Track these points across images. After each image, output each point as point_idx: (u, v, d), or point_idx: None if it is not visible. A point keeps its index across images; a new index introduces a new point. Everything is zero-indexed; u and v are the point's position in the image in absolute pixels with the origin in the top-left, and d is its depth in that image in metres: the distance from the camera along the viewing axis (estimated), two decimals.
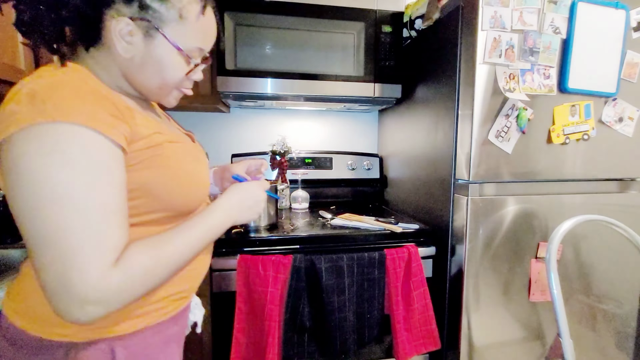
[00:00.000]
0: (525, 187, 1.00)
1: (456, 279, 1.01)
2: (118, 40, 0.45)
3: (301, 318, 0.93)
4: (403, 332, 0.98)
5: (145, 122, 0.48)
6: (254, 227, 1.07)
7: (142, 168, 0.46)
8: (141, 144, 0.45)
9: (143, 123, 0.47)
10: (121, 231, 0.42)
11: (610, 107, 1.02)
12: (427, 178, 1.17)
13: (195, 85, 1.22)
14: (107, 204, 0.40)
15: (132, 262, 0.41)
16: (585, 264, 1.06)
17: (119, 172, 0.42)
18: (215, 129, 1.56)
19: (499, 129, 0.94)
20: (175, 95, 0.55)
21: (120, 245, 0.41)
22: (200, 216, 0.51)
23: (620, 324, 1.11)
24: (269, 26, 1.16)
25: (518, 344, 1.04)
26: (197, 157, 0.57)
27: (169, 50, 0.48)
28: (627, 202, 1.08)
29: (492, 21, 0.90)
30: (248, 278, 0.92)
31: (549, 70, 0.95)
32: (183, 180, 0.50)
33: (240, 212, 0.57)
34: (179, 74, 0.50)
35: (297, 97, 1.26)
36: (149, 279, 0.43)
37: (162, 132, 0.50)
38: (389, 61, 1.24)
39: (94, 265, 0.39)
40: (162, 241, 0.45)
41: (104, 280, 0.39)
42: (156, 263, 0.44)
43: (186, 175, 0.51)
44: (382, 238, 1.04)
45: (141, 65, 0.48)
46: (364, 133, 1.67)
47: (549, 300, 1.02)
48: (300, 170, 1.51)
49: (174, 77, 0.50)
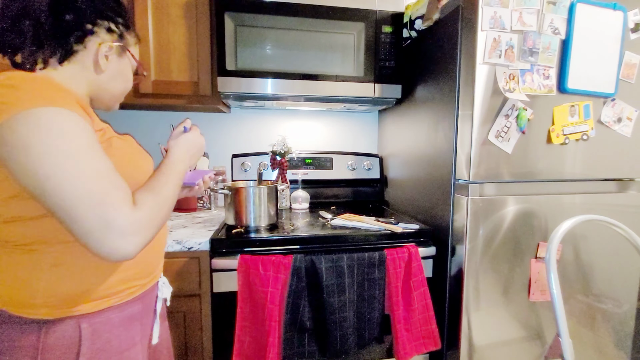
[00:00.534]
0: (525, 187, 1.00)
1: (456, 279, 1.01)
2: (101, 58, 0.58)
3: (301, 318, 0.93)
4: (403, 332, 0.98)
5: (97, 120, 0.59)
6: (254, 227, 1.07)
7: None
8: (98, 134, 0.55)
9: (96, 120, 0.58)
10: (125, 182, 0.51)
11: (609, 108, 1.03)
12: (427, 178, 1.17)
13: (196, 85, 1.23)
14: (107, 161, 0.50)
15: (144, 201, 0.51)
16: (584, 264, 1.06)
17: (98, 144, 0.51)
18: (215, 129, 1.56)
19: (499, 129, 0.95)
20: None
21: (130, 191, 0.51)
22: (169, 167, 0.61)
23: (619, 323, 1.11)
24: (269, 27, 1.16)
25: (518, 343, 1.04)
26: (141, 152, 0.66)
27: (129, 64, 0.65)
28: (625, 202, 1.08)
29: (491, 21, 0.90)
30: (248, 278, 0.92)
31: (548, 70, 0.96)
32: (127, 169, 0.57)
33: (190, 159, 0.69)
34: (131, 82, 0.68)
35: (297, 98, 1.26)
36: (160, 216, 0.53)
37: (108, 129, 0.61)
38: (389, 61, 1.24)
39: (123, 201, 0.48)
40: (156, 187, 0.56)
41: (135, 212, 0.48)
42: (160, 204, 0.54)
43: (130, 165, 0.59)
44: (382, 238, 1.05)
45: (113, 76, 0.62)
46: (364, 133, 1.67)
47: (549, 300, 1.02)
48: (301, 171, 1.51)
49: (129, 85, 0.67)
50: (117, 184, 0.49)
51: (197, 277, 0.98)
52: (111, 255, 0.47)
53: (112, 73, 0.62)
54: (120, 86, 0.65)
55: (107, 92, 0.63)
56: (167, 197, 0.56)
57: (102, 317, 0.56)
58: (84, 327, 0.54)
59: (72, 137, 0.46)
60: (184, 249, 0.96)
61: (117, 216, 0.46)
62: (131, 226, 0.47)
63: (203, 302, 0.99)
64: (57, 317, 0.52)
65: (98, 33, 0.58)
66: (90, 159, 0.47)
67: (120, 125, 1.45)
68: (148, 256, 0.63)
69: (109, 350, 0.56)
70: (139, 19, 1.17)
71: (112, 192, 0.47)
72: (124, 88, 0.66)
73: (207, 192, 1.43)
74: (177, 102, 1.24)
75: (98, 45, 0.58)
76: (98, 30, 0.57)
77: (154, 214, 0.52)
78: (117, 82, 0.64)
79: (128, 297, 0.60)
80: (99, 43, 0.58)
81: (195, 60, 1.22)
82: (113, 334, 0.57)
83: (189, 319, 0.99)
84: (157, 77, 1.21)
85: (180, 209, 1.38)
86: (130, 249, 0.48)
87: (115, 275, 0.57)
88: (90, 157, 0.47)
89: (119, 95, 0.66)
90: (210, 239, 0.97)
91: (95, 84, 0.60)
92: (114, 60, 0.61)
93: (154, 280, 0.66)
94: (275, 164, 1.43)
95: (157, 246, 0.66)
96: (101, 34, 0.58)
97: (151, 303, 0.67)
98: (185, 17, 1.20)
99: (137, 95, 1.22)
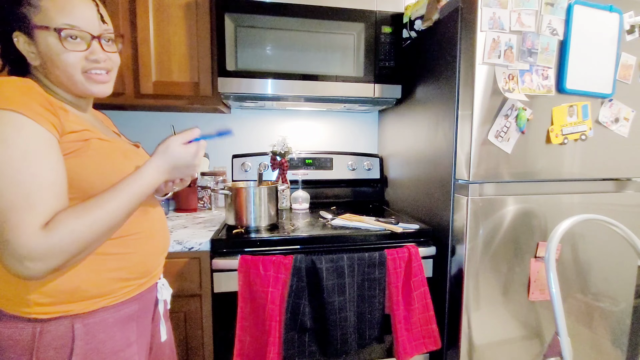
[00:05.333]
0: (524, 187, 1.01)
1: (456, 279, 1.02)
2: (26, 54, 0.55)
3: (302, 318, 0.93)
4: (403, 331, 0.98)
5: (78, 121, 0.56)
6: (254, 227, 1.08)
7: (70, 157, 0.53)
8: (73, 136, 0.53)
9: (75, 121, 0.55)
10: (56, 201, 0.49)
11: (607, 108, 1.04)
12: (427, 178, 1.17)
13: (196, 86, 1.23)
14: (40, 176, 0.47)
15: (60, 224, 0.48)
16: (582, 263, 1.07)
17: (53, 152, 0.50)
18: (215, 129, 1.56)
19: (499, 129, 0.95)
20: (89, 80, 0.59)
21: (53, 211, 0.48)
22: (132, 179, 0.56)
23: (616, 321, 1.12)
24: (270, 27, 1.16)
25: (517, 342, 1.05)
26: (126, 155, 0.61)
27: (46, 39, 0.55)
28: (623, 202, 1.09)
29: (491, 22, 0.91)
30: (249, 278, 0.92)
31: (547, 71, 0.97)
32: (105, 172, 0.56)
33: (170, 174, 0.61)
34: (65, 55, 0.56)
35: (297, 98, 1.26)
36: (80, 239, 0.50)
37: (93, 131, 0.57)
38: (389, 62, 1.24)
39: (25, 225, 0.45)
40: (93, 205, 0.52)
41: (34, 239, 0.46)
42: (86, 225, 0.50)
43: (110, 168, 0.57)
44: (382, 238, 1.05)
45: (43, 66, 0.56)
46: (364, 133, 1.68)
47: (548, 300, 1.03)
48: (301, 171, 1.51)
49: (63, 60, 0.56)
50: (34, 201, 0.47)
51: (197, 277, 0.98)
52: (12, 273, 0.47)
53: (42, 62, 0.56)
54: (54, 69, 0.56)
55: (58, 83, 0.58)
56: (105, 214, 0.52)
57: (96, 317, 0.56)
58: (77, 327, 0.54)
59: (7, 144, 0.46)
60: (184, 249, 0.96)
61: (13, 239, 0.45)
62: (26, 252, 0.45)
63: (204, 302, 0.99)
64: (52, 317, 0.53)
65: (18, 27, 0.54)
66: (15, 171, 0.46)
67: (120, 126, 1.44)
68: (144, 257, 0.63)
69: (103, 350, 0.56)
70: (140, 20, 1.17)
71: (18, 212, 0.45)
72: (60, 68, 0.56)
73: (208, 192, 1.43)
74: (177, 103, 1.24)
75: (17, 44, 0.55)
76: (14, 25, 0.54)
77: (73, 237, 0.49)
78: (50, 68, 0.56)
79: (124, 297, 0.60)
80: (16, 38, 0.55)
81: (196, 61, 1.22)
82: (107, 334, 0.57)
83: (190, 319, 0.99)
84: (157, 78, 1.21)
85: (180, 209, 1.38)
86: (26, 273, 0.46)
87: (107, 274, 0.57)
88: (16, 170, 0.46)
89: (66, 80, 0.57)
90: (211, 239, 0.97)
91: (49, 79, 0.58)
92: (32, 49, 0.56)
93: (152, 280, 0.66)
94: (275, 164, 1.43)
95: (156, 247, 0.66)
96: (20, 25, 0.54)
97: (149, 304, 0.66)
98: (186, 18, 1.20)
99: (138, 96, 1.22)
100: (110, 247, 0.57)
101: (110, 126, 0.75)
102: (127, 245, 0.60)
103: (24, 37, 0.55)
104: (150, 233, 0.64)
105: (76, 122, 0.55)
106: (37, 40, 0.55)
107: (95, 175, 0.55)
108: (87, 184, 0.54)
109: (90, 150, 0.55)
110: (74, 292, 0.54)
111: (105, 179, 0.55)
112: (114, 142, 0.60)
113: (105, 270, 0.57)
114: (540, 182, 1.02)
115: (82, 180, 0.54)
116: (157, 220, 0.68)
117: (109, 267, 0.57)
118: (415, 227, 1.09)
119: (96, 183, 0.55)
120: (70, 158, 0.53)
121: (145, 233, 0.63)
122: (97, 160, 0.55)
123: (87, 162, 0.54)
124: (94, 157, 0.55)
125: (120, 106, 1.30)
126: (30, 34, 0.55)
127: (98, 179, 0.55)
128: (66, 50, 0.55)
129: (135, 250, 0.61)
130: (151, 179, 0.58)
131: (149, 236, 0.64)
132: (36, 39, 0.55)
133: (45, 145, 0.49)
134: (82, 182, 0.54)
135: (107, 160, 0.57)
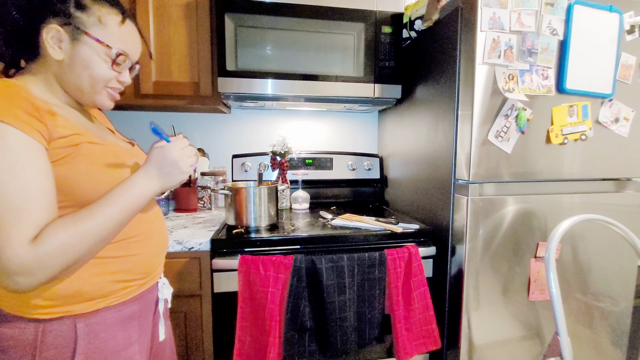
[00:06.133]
0: (524, 187, 1.01)
1: (456, 279, 1.02)
2: (50, 46, 0.53)
3: (302, 318, 0.93)
4: (403, 331, 0.98)
5: (67, 125, 0.54)
6: (254, 227, 1.08)
7: (60, 164, 0.52)
8: (61, 142, 0.51)
9: (64, 125, 0.53)
10: (44, 212, 0.48)
11: (607, 108, 1.04)
12: (427, 178, 1.17)
13: (196, 86, 1.23)
14: (26, 187, 0.46)
15: (49, 237, 0.47)
16: (582, 263, 1.07)
17: (40, 161, 0.48)
18: (216, 129, 1.56)
19: (499, 129, 0.95)
20: (106, 95, 0.61)
21: (41, 224, 0.47)
22: (122, 189, 0.55)
23: (616, 321, 1.12)
24: (270, 27, 1.16)
25: (517, 342, 1.05)
26: (119, 157, 0.59)
27: (93, 49, 0.56)
28: (623, 202, 1.09)
29: (491, 22, 0.91)
30: (249, 278, 0.92)
31: (547, 71, 0.97)
32: (98, 179, 0.55)
33: (162, 178, 0.59)
34: (104, 70, 0.57)
35: (297, 98, 1.26)
36: (70, 252, 0.49)
37: (83, 134, 0.55)
38: (389, 62, 1.24)
39: (13, 239, 0.45)
40: (83, 217, 0.51)
41: (22, 253, 0.45)
42: (75, 238, 0.49)
43: (102, 174, 0.55)
44: (382, 238, 1.05)
45: (70, 65, 0.55)
46: (364, 133, 1.68)
47: (548, 300, 1.03)
48: (301, 171, 1.51)
49: (100, 73, 0.57)
50: (22, 215, 0.46)
51: (197, 277, 0.98)
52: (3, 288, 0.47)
53: (69, 62, 0.55)
54: (82, 74, 0.56)
55: (70, 84, 0.57)
56: (96, 227, 0.51)
57: (98, 317, 0.56)
58: (80, 326, 0.54)
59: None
60: (184, 249, 0.96)
61: (1, 254, 0.44)
62: (14, 267, 0.45)
63: (204, 302, 0.99)
64: (54, 317, 0.53)
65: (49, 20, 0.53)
66: (1, 184, 0.45)
67: (120, 126, 1.45)
68: (144, 258, 0.63)
69: (105, 349, 0.56)
70: (140, 20, 1.17)
71: (6, 226, 0.45)
72: (90, 77, 0.57)
73: (208, 192, 1.43)
74: (177, 103, 1.24)
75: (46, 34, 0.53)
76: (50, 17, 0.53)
77: (63, 250, 0.48)
78: (78, 71, 0.56)
79: (125, 297, 0.60)
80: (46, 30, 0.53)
81: (196, 60, 1.22)
82: (109, 334, 0.57)
83: (190, 319, 0.99)
84: (157, 78, 1.21)
85: (180, 209, 1.38)
86: (16, 287, 0.46)
87: (108, 276, 0.57)
88: (2, 182, 0.45)
89: (87, 87, 0.57)
90: (211, 239, 0.97)
91: (59, 77, 0.56)
92: (65, 46, 0.54)
93: (152, 280, 0.66)
94: (275, 164, 1.43)
95: (156, 247, 0.66)
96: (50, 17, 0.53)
97: (150, 303, 0.67)
98: (186, 18, 1.20)
99: (138, 96, 1.22)
100: (111, 250, 0.57)
101: (104, 122, 0.73)
102: (127, 248, 0.59)
103: (62, 32, 0.53)
104: (150, 234, 0.64)
105: (65, 127, 0.53)
106: (80, 44, 0.55)
107: (87, 181, 0.54)
108: (79, 191, 0.53)
109: (80, 156, 0.53)
110: (75, 295, 0.54)
111: (97, 185, 0.54)
112: (105, 145, 0.58)
113: (106, 273, 0.57)
114: (540, 182, 1.02)
115: (74, 187, 0.53)
116: (156, 220, 0.68)
117: (109, 270, 0.57)
118: (415, 227, 1.09)
119: (89, 190, 0.54)
120: (60, 165, 0.51)
121: (145, 235, 0.63)
122: (88, 166, 0.54)
123: (78, 169, 0.53)
124: (84, 163, 0.53)
125: (120, 106, 1.30)
126: (75, 35, 0.54)
127: (90, 186, 0.54)
128: (109, 69, 0.57)
129: (135, 253, 0.61)
130: (142, 186, 0.56)
131: (149, 237, 0.64)
132: (81, 42, 0.55)
133: (31, 154, 0.47)
134: (74, 189, 0.53)
135: (99, 166, 0.55)
